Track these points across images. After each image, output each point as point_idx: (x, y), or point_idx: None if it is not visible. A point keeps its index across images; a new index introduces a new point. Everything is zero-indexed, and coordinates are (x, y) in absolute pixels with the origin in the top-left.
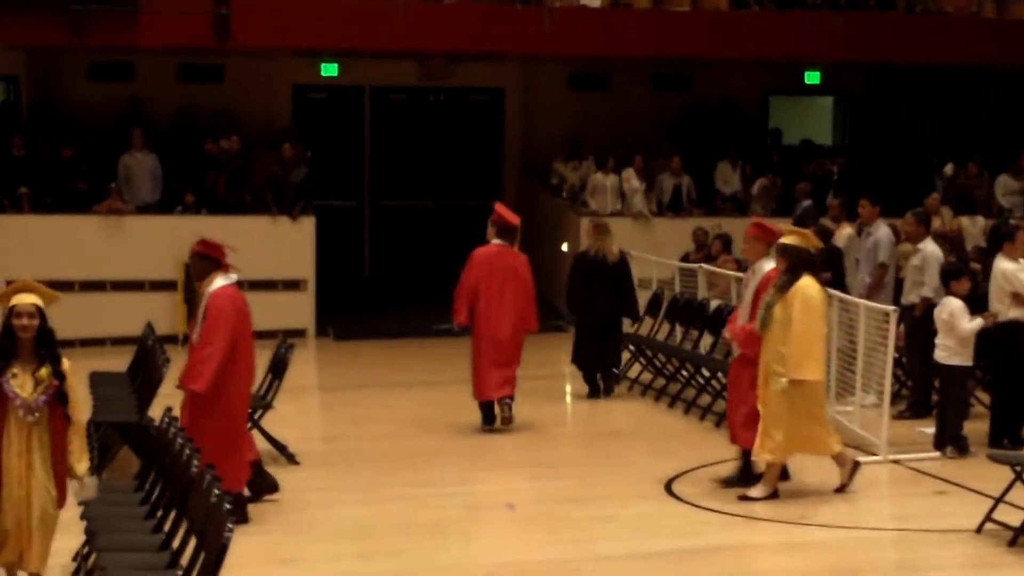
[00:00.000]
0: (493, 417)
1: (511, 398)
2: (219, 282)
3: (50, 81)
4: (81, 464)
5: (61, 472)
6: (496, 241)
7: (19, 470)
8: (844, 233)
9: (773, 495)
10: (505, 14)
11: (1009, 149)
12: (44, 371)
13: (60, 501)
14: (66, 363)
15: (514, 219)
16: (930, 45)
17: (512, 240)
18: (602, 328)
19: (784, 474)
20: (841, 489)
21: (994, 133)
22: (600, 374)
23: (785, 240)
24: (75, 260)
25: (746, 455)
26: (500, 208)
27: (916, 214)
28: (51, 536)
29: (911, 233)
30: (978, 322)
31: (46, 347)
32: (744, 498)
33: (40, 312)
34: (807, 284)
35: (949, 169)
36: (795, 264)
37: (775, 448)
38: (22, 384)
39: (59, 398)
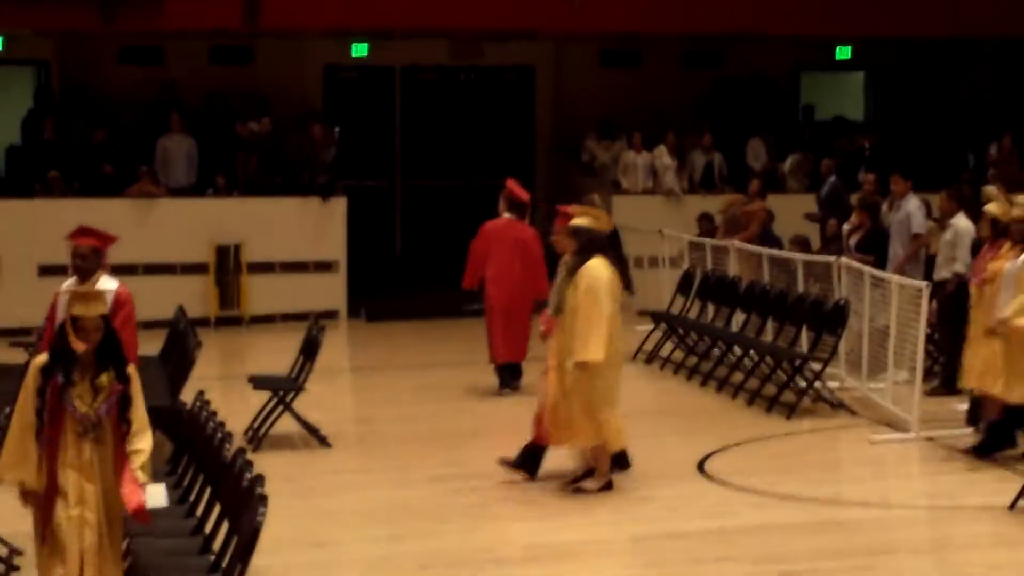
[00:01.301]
0: (507, 383)
1: (517, 371)
2: (110, 281)
3: (81, 66)
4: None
5: (127, 490)
6: (507, 215)
7: (78, 489)
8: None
9: (607, 486)
10: None
11: None
12: (105, 377)
13: (114, 526)
14: (131, 368)
15: (524, 195)
16: (962, 19)
17: (522, 214)
18: None
19: (624, 461)
20: (575, 488)
21: None
22: None
23: (575, 222)
24: None
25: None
26: (511, 183)
27: (949, 190)
28: (112, 559)
29: (944, 209)
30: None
31: (110, 353)
32: (578, 490)
33: (105, 320)
34: (594, 265)
35: (994, 150)
36: (585, 246)
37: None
38: (80, 394)
39: (123, 404)
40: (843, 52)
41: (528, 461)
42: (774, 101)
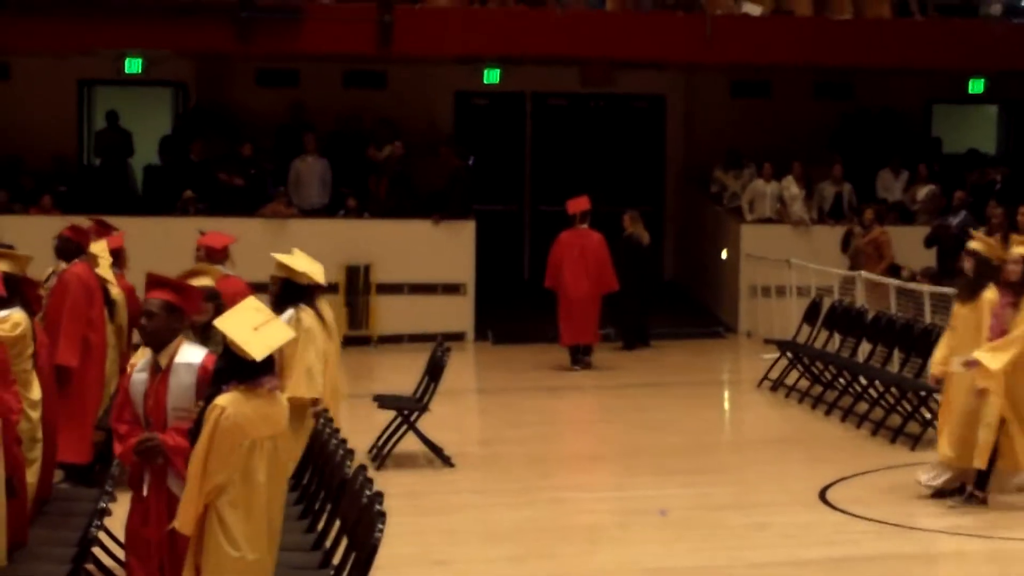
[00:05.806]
0: (577, 360)
1: (587, 350)
2: (194, 351)
3: (218, 87)
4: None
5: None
6: (579, 226)
7: None
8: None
9: None
10: (666, 22)
11: None
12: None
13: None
14: (221, 405)
15: (572, 208)
16: None
17: (582, 222)
18: (636, 295)
19: None
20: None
21: None
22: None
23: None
24: (240, 263)
25: None
26: (568, 203)
27: None
28: None
29: None
30: None
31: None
32: None
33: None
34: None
35: None
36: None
37: None
38: None
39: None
40: (975, 85)
41: None
42: (904, 133)
